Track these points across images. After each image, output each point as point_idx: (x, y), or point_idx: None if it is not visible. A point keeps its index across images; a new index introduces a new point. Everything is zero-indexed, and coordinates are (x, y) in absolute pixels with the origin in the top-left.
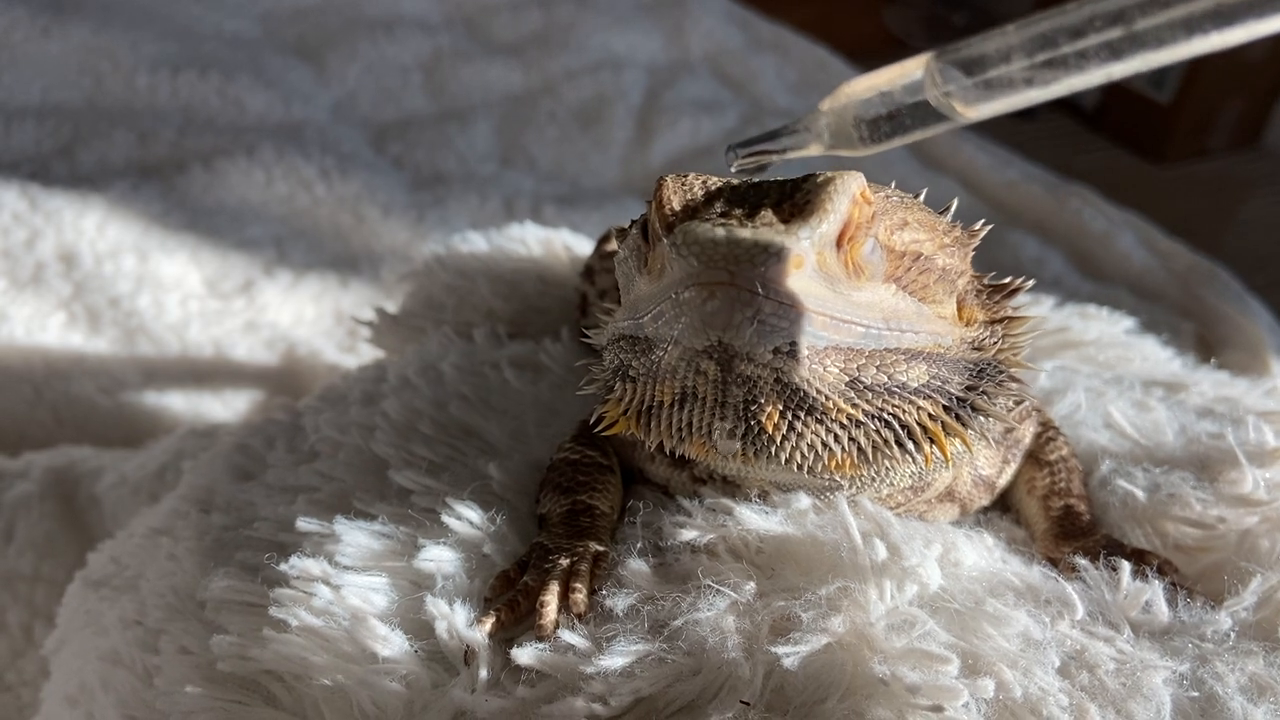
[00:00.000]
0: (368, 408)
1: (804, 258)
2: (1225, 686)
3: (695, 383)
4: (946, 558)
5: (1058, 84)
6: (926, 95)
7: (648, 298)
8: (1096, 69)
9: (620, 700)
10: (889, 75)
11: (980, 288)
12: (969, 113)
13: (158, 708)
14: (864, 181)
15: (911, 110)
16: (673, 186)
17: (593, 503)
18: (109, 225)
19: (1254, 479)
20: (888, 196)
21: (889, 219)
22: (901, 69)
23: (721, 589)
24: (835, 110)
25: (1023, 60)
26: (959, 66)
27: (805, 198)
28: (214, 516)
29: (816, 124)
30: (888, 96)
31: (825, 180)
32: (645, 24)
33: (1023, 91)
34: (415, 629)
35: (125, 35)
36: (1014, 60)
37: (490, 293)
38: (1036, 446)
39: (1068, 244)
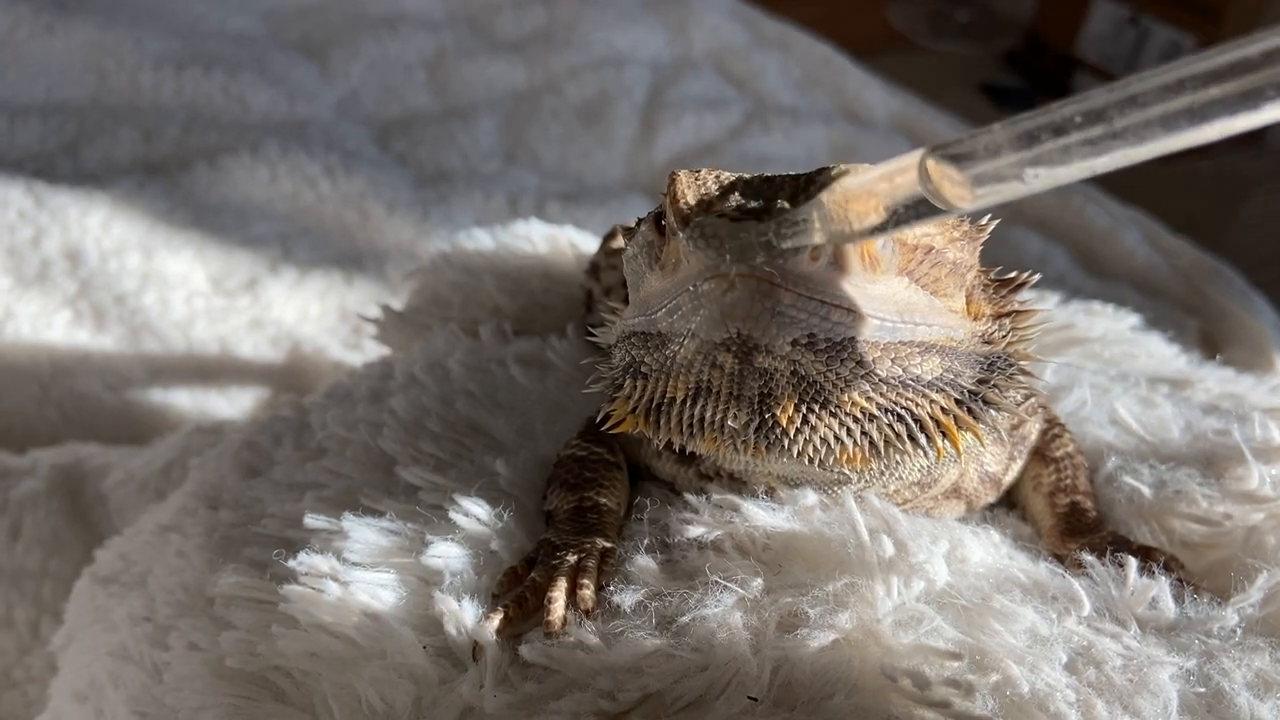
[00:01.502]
0: (375, 405)
1: (821, 249)
2: (1232, 682)
3: (711, 377)
4: (953, 554)
5: (1043, 178)
6: (920, 190)
7: (661, 293)
8: (1080, 163)
9: (628, 696)
10: (884, 175)
11: (987, 282)
12: (963, 205)
13: (167, 703)
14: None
15: (908, 205)
16: (686, 181)
17: (600, 499)
18: (114, 223)
19: (1260, 475)
20: None
21: None
22: (896, 166)
23: (729, 585)
24: (833, 205)
25: (1010, 155)
26: (950, 160)
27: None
28: (222, 513)
29: (814, 214)
30: (882, 195)
31: (839, 174)
32: (649, 21)
33: (1011, 184)
34: (423, 625)
35: (129, 33)
36: (1002, 154)
37: (496, 290)
38: (1043, 443)
39: (1071, 241)
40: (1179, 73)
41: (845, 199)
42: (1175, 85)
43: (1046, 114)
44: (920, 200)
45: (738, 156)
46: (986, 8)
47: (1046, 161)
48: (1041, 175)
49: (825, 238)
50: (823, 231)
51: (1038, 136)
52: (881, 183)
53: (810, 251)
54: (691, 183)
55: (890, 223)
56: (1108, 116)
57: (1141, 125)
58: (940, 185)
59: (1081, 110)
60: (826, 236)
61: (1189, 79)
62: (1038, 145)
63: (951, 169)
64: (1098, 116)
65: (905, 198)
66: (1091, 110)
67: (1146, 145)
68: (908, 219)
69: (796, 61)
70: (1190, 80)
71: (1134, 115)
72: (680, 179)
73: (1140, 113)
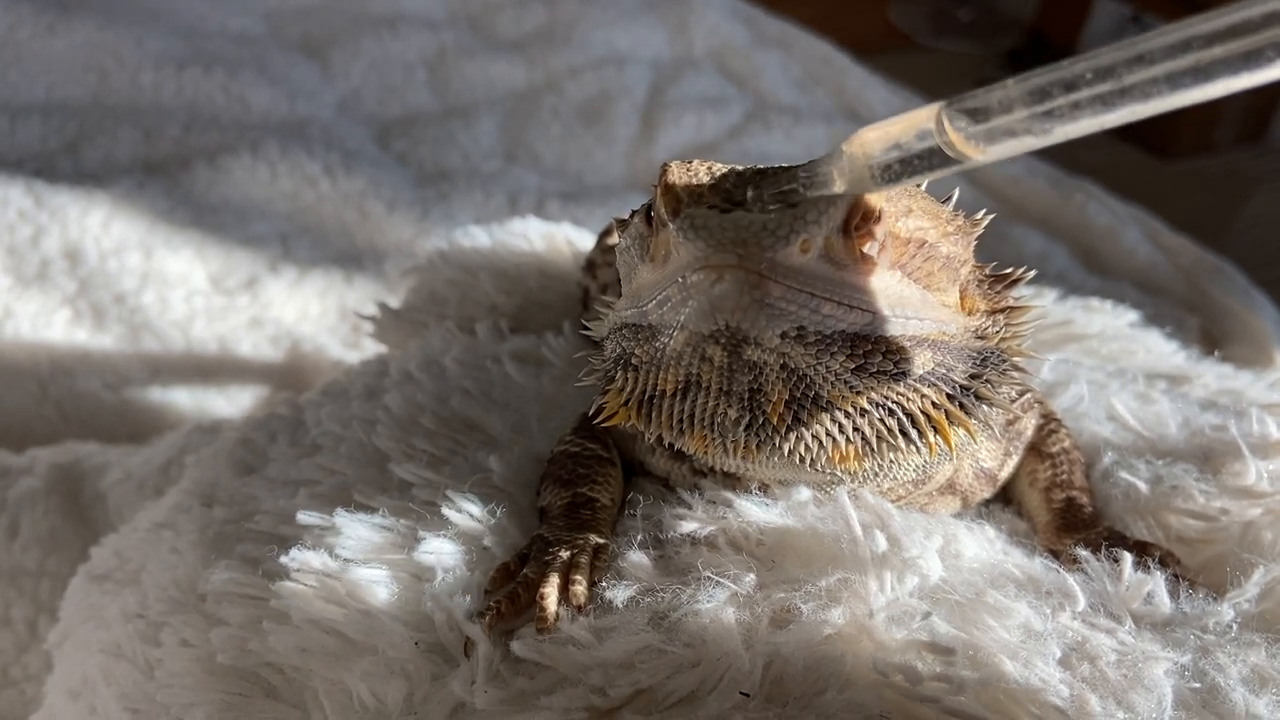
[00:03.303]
0: (369, 402)
1: (812, 242)
2: (1227, 678)
3: (700, 370)
4: (947, 549)
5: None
6: (937, 141)
7: (651, 284)
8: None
9: (620, 692)
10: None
11: (982, 278)
12: (976, 156)
13: (159, 700)
14: None
15: (922, 155)
16: (678, 171)
17: (593, 495)
18: (114, 222)
19: (1257, 471)
20: None
21: (894, 206)
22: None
23: (721, 581)
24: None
25: (1022, 110)
26: (966, 115)
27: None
28: (216, 510)
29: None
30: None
31: None
32: (649, 20)
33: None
34: (415, 621)
35: (130, 32)
36: (1015, 110)
37: (492, 287)
38: (1039, 438)
39: (1072, 239)
40: (1185, 32)
41: (864, 148)
42: (1181, 44)
43: (1058, 70)
44: (936, 151)
45: (738, 155)
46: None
47: (1058, 116)
48: (1054, 129)
49: (846, 186)
50: (842, 181)
51: (1049, 92)
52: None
53: (800, 243)
54: (683, 173)
55: (906, 172)
56: (1117, 73)
57: (1149, 82)
58: (953, 138)
59: (1092, 67)
60: (847, 185)
61: (1194, 38)
62: (1049, 100)
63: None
64: (1107, 73)
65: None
66: (1101, 67)
67: (1153, 101)
68: (922, 169)
69: (797, 60)
70: (1196, 39)
71: (1142, 72)
72: (672, 169)
73: (1148, 70)
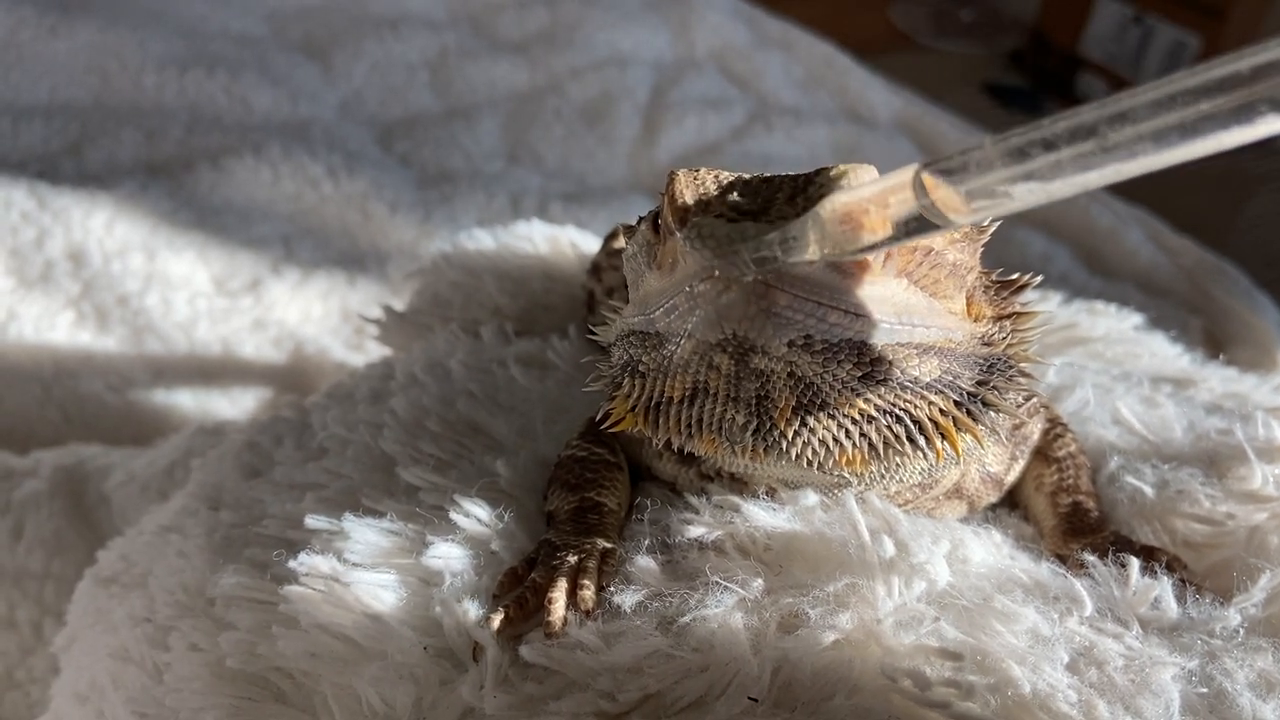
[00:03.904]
0: (375, 405)
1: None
2: (1234, 683)
3: (707, 377)
4: (954, 554)
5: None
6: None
7: (659, 292)
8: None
9: (628, 696)
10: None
11: (988, 284)
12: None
13: (168, 704)
14: (875, 174)
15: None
16: (685, 180)
17: (600, 500)
18: (117, 224)
19: (1263, 475)
20: None
21: None
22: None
23: (729, 586)
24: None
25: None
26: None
27: (818, 191)
28: (223, 514)
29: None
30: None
31: (838, 174)
32: (651, 21)
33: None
34: (424, 626)
35: (132, 34)
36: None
37: (497, 290)
38: (1045, 443)
39: (1075, 240)
40: (1170, 88)
41: (839, 215)
42: (1166, 100)
43: (1037, 129)
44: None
45: (740, 156)
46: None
47: (1038, 176)
48: (1034, 190)
49: (820, 254)
50: (818, 247)
51: (1028, 152)
52: (875, 197)
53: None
54: (690, 182)
55: (885, 240)
56: (1099, 132)
57: (1133, 140)
58: (934, 200)
59: (1072, 126)
60: (821, 254)
61: (1180, 94)
62: (1029, 160)
63: (944, 184)
64: (1089, 132)
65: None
66: (1082, 126)
67: (1138, 160)
68: (900, 235)
69: (799, 61)
70: (1181, 95)
71: (1125, 130)
72: (679, 178)
73: (1131, 128)
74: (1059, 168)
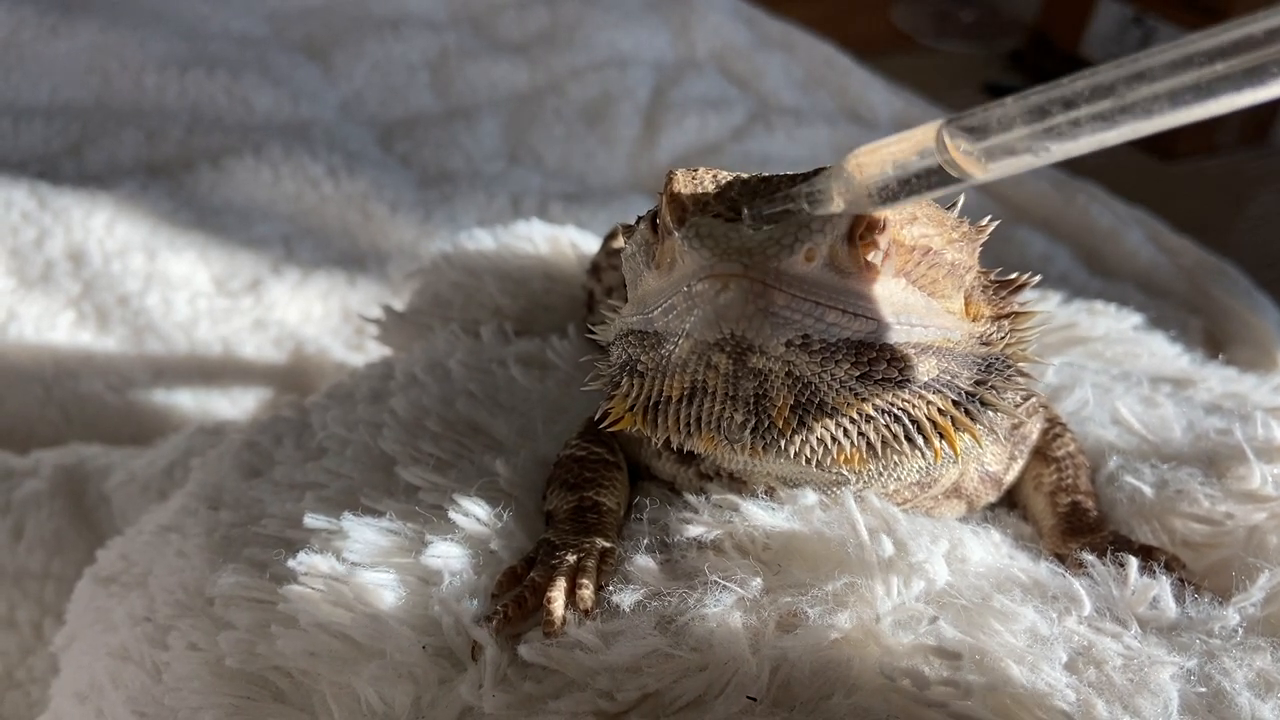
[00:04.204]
0: (375, 405)
1: (816, 250)
2: (1233, 682)
3: (706, 377)
4: (953, 554)
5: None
6: (938, 159)
7: (657, 292)
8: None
9: (627, 696)
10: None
11: (987, 283)
12: (977, 174)
13: (167, 703)
14: None
15: (921, 174)
16: (683, 180)
17: (599, 499)
18: (117, 224)
19: (1262, 475)
20: None
21: (899, 213)
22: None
23: (728, 585)
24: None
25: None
26: (965, 133)
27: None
28: (222, 513)
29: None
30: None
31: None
32: (652, 21)
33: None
34: (423, 625)
35: (133, 34)
36: (1014, 128)
37: (497, 290)
38: (1044, 442)
39: (1075, 240)
40: (1186, 49)
41: (862, 168)
42: (1183, 61)
43: (1058, 88)
44: (936, 170)
45: (741, 157)
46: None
47: (1057, 134)
48: (1053, 147)
49: (844, 205)
50: (841, 200)
51: (1049, 110)
52: (898, 151)
53: (805, 252)
54: (688, 181)
55: (905, 191)
56: (1117, 91)
57: (1149, 99)
58: (955, 156)
59: (1091, 85)
60: (845, 204)
61: (1196, 55)
62: (1049, 118)
63: (966, 140)
64: (1107, 91)
65: (921, 168)
66: (1101, 85)
67: (1154, 119)
68: (921, 188)
69: (799, 62)
70: (1197, 56)
71: (1142, 90)
72: (677, 178)
73: (1148, 87)
74: (1078, 125)
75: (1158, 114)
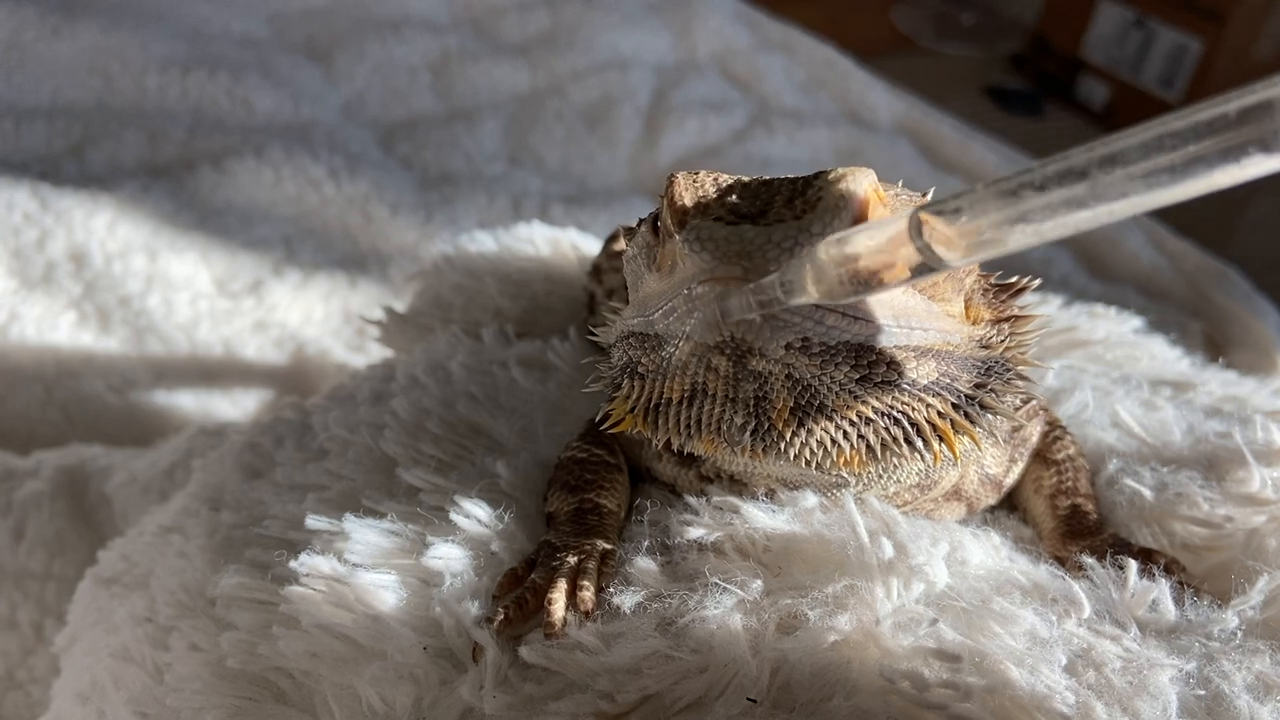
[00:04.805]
0: (376, 406)
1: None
2: (1232, 685)
3: (706, 379)
4: (953, 556)
5: (1028, 234)
6: (914, 249)
7: (658, 294)
8: (1063, 218)
9: (627, 697)
10: (874, 232)
11: (987, 287)
12: (952, 260)
13: (168, 704)
14: (875, 178)
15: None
16: (684, 183)
17: (600, 501)
18: (119, 225)
19: (1261, 478)
20: (896, 195)
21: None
22: (886, 227)
23: (729, 587)
24: (822, 264)
25: (995, 213)
26: (939, 218)
27: (817, 194)
28: (224, 514)
29: (806, 274)
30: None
31: (836, 177)
32: (652, 24)
33: (995, 244)
34: (424, 626)
35: (135, 35)
36: (988, 213)
37: (498, 292)
38: (1044, 445)
39: (1075, 244)
40: (1158, 130)
41: (835, 259)
42: (1155, 142)
43: (1029, 173)
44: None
45: (742, 159)
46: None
47: (1031, 218)
48: (1027, 231)
49: (818, 295)
50: (815, 290)
51: (1020, 194)
52: (873, 245)
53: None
54: (689, 185)
55: (878, 287)
56: (1090, 174)
57: (1123, 181)
58: (930, 242)
59: (1062, 169)
60: (819, 294)
61: (1168, 136)
62: (1020, 202)
63: (941, 225)
64: (1079, 175)
65: (905, 260)
66: (1072, 169)
67: (1128, 200)
68: (899, 281)
69: (800, 64)
70: (1169, 137)
71: (1115, 173)
72: (678, 181)
73: (1122, 170)
74: (1050, 209)
75: (1132, 195)
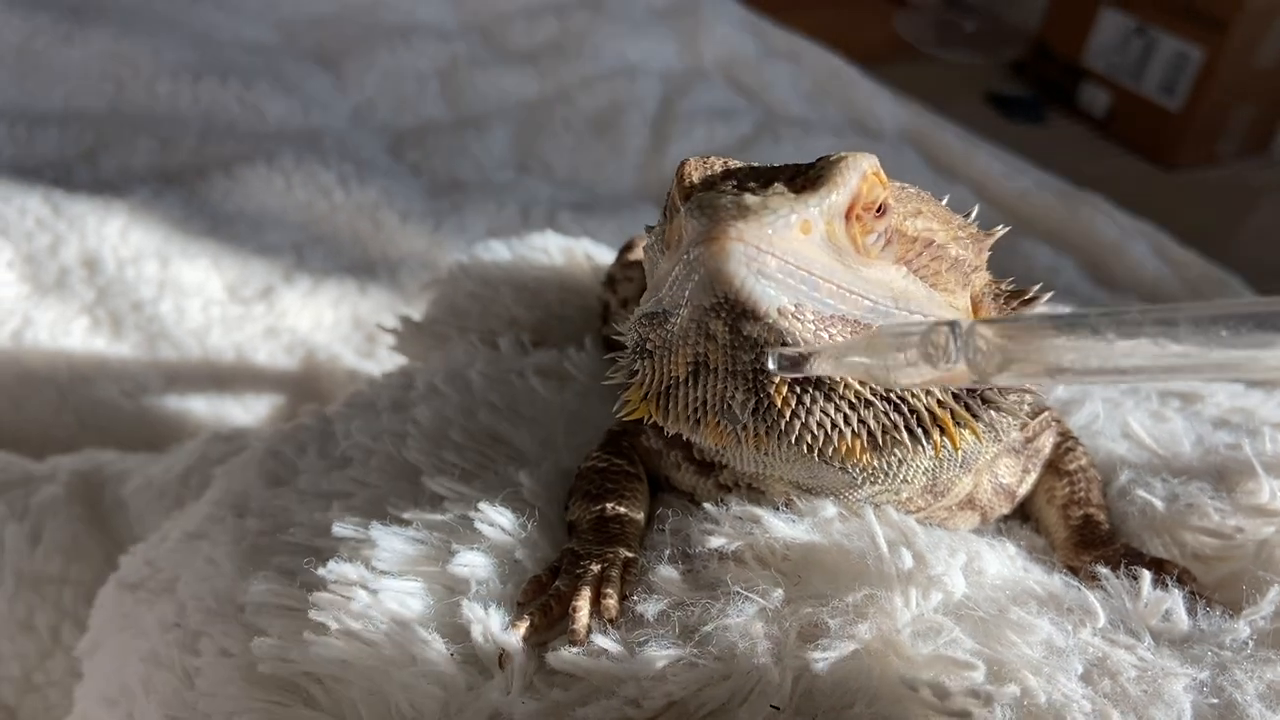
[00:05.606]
0: (398, 415)
1: (812, 224)
2: (1244, 694)
3: (707, 349)
4: (970, 566)
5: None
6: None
7: (666, 272)
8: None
9: (652, 703)
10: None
11: (998, 292)
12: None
13: (200, 708)
14: (876, 162)
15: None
16: (695, 164)
17: (622, 509)
18: (131, 231)
19: (1271, 489)
20: (904, 188)
21: (903, 206)
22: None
23: (750, 595)
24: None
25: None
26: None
27: (818, 173)
28: (249, 521)
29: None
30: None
31: (838, 158)
32: (660, 32)
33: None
34: (451, 632)
35: (146, 42)
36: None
37: (513, 301)
38: (1056, 456)
39: (1080, 252)
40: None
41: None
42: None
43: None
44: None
45: None
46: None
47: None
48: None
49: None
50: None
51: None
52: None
53: (800, 224)
54: (699, 166)
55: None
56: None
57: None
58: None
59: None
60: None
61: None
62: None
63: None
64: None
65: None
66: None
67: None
68: None
69: (806, 73)
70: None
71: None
72: (690, 162)
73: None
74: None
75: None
